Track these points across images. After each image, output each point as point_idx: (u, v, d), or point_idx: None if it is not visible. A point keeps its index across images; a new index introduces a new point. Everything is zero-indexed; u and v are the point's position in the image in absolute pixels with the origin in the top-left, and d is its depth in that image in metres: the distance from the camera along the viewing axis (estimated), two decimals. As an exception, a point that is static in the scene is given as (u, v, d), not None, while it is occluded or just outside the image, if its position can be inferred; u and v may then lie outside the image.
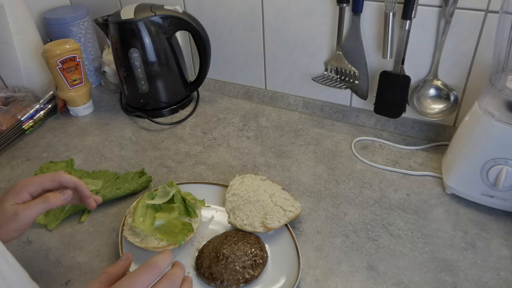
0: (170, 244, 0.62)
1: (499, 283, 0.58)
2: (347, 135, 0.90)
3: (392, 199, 0.73)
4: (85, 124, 1.00)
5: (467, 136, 0.68)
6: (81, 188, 0.60)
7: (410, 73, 0.79)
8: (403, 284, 0.58)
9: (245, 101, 1.06)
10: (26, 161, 0.88)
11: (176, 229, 0.64)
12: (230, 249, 0.60)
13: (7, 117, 0.94)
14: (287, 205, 0.67)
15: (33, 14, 1.05)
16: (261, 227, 0.64)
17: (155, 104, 1.00)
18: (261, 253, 0.61)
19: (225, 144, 0.90)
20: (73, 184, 0.59)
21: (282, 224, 0.64)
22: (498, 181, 0.64)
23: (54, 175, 0.58)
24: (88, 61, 1.14)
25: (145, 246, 0.62)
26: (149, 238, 0.63)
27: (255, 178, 0.75)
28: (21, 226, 0.54)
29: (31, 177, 0.58)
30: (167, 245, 0.62)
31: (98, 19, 0.94)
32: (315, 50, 0.90)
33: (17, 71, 1.02)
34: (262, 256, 0.60)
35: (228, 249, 0.60)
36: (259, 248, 0.61)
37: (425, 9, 0.74)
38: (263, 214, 0.65)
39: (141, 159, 0.86)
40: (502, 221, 0.67)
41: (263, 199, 0.68)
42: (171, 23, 0.93)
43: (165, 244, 0.62)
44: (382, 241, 0.65)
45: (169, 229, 0.64)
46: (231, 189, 0.71)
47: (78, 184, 0.59)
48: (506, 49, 0.61)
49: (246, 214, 0.66)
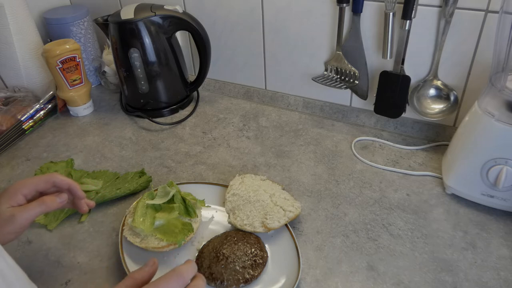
0: (170, 244, 0.62)
1: (499, 283, 0.58)
2: (347, 135, 0.90)
3: (392, 199, 0.73)
4: (85, 124, 1.00)
5: (467, 136, 0.68)
6: (74, 189, 0.59)
7: (410, 73, 0.79)
8: (403, 284, 0.58)
9: (245, 101, 1.06)
10: (26, 161, 0.88)
11: (176, 229, 0.63)
12: (230, 249, 0.60)
13: (7, 117, 0.94)
14: (287, 205, 0.67)
15: (33, 14, 1.05)
16: (261, 227, 0.64)
17: (155, 104, 1.00)
18: (261, 253, 0.61)
19: (225, 144, 0.90)
20: (67, 185, 0.59)
21: (282, 224, 0.64)
22: (498, 181, 0.64)
23: (47, 177, 0.58)
24: (88, 61, 1.14)
25: (145, 246, 0.62)
26: (149, 238, 0.63)
27: (255, 178, 0.75)
28: (18, 228, 0.54)
29: (24, 179, 0.58)
30: (167, 245, 0.62)
31: (98, 19, 0.94)
32: (315, 50, 0.90)
33: (17, 71, 1.02)
34: (262, 256, 0.60)
35: (228, 249, 0.60)
36: (259, 248, 0.61)
37: (425, 9, 0.74)
38: (263, 214, 0.66)
39: (141, 159, 0.86)
40: (502, 221, 0.67)
41: (263, 199, 0.68)
42: (171, 23, 0.93)
43: (165, 244, 0.62)
44: (382, 241, 0.65)
45: (169, 229, 0.64)
46: (231, 189, 0.71)
47: (71, 185, 0.59)
48: (506, 49, 0.61)
49: (246, 214, 0.66)
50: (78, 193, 0.60)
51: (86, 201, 0.62)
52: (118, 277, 0.61)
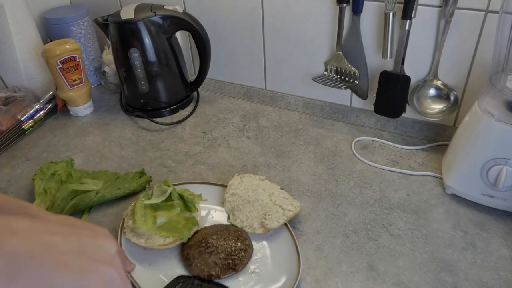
0: (176, 239, 0.62)
1: (499, 283, 0.58)
2: (347, 135, 0.90)
3: (392, 199, 0.73)
4: (85, 124, 1.00)
5: (467, 136, 0.68)
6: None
7: (410, 73, 0.79)
8: (403, 284, 0.58)
9: (245, 101, 1.06)
10: (26, 161, 0.88)
11: (179, 225, 0.64)
12: (216, 242, 0.62)
13: (7, 117, 0.94)
14: (286, 204, 0.67)
15: (33, 14, 1.05)
16: (260, 228, 0.64)
17: (155, 104, 1.00)
18: (239, 261, 0.60)
19: (225, 144, 0.90)
20: None
21: (281, 223, 0.64)
22: (498, 181, 0.64)
23: None
24: (88, 61, 1.14)
25: (150, 245, 0.62)
26: (154, 237, 0.63)
27: (254, 177, 0.75)
28: None
29: None
30: (173, 241, 0.62)
31: (98, 19, 0.94)
32: (315, 50, 0.90)
33: (17, 71, 1.02)
34: (237, 263, 0.60)
35: (215, 241, 0.62)
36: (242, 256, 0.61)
37: (425, 9, 0.74)
38: (262, 214, 0.66)
39: (141, 159, 0.86)
40: (502, 221, 0.67)
41: (262, 198, 0.69)
42: (171, 23, 0.93)
43: (171, 240, 0.62)
44: (382, 241, 0.65)
45: (173, 226, 0.64)
46: (230, 189, 0.71)
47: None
48: (506, 49, 0.61)
49: (246, 215, 0.66)
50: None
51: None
52: (118, 277, 0.61)
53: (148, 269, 0.61)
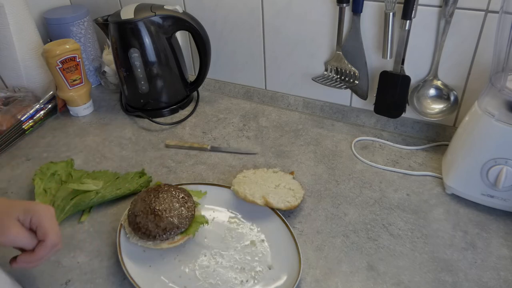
0: (185, 236, 0.63)
1: (499, 283, 0.58)
2: (347, 135, 0.90)
3: (392, 199, 0.73)
4: (85, 124, 1.00)
5: (467, 136, 0.68)
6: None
7: (410, 73, 0.79)
8: (403, 284, 0.58)
9: (245, 101, 1.06)
10: (26, 161, 0.88)
11: None
12: (159, 203, 0.64)
13: (7, 117, 0.94)
14: (289, 195, 0.70)
15: (33, 14, 1.05)
16: (261, 199, 0.67)
17: (155, 104, 1.00)
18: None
19: (225, 144, 0.90)
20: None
21: (281, 206, 0.67)
22: (498, 181, 0.64)
23: None
24: (88, 61, 1.14)
25: (159, 246, 0.62)
26: None
27: (267, 171, 0.78)
28: (2, 243, 0.52)
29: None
30: (182, 238, 0.63)
31: (98, 19, 0.94)
32: (315, 50, 0.90)
33: (17, 71, 1.02)
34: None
35: (158, 203, 0.64)
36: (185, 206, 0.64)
37: (425, 9, 0.74)
38: (266, 193, 0.69)
39: (141, 159, 0.86)
40: (502, 221, 0.67)
41: (269, 186, 0.72)
42: (171, 23, 0.93)
43: (180, 237, 0.63)
44: (382, 241, 0.65)
45: None
46: (243, 173, 0.75)
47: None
48: (506, 49, 0.61)
49: (250, 188, 0.70)
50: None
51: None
52: (118, 277, 0.62)
53: (148, 271, 0.61)
